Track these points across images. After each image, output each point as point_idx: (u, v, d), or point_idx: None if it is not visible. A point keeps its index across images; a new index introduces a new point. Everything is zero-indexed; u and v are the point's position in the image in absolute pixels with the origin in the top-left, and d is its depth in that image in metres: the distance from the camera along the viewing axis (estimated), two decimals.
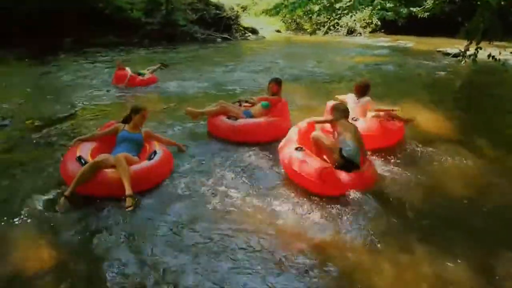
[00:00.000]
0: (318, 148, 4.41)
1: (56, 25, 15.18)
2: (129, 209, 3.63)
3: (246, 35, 22.46)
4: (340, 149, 4.28)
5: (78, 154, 4.08)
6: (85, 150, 4.26)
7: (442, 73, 12.74)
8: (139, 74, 9.16)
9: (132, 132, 4.53)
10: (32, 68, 11.33)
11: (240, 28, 22.53)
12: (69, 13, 15.68)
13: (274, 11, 11.76)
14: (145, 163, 4.16)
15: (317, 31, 23.58)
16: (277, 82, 5.65)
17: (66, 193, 3.67)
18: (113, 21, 17.18)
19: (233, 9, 22.75)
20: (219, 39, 20.06)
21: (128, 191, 3.70)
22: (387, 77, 11.87)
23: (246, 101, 6.00)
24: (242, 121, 5.56)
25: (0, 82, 9.32)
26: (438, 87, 10.93)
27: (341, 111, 4.58)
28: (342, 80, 10.80)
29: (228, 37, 20.75)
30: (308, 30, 26.77)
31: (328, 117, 4.76)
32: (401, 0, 17.07)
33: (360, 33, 26.48)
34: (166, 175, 4.30)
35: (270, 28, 25.88)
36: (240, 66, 12.66)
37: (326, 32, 23.51)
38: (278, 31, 26.69)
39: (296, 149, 4.22)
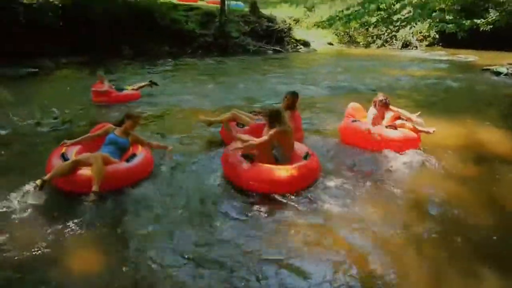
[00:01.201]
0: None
1: (115, 36, 15.99)
2: (90, 203, 3.78)
3: (298, 47, 22.43)
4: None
5: (62, 151, 4.39)
6: (71, 148, 4.57)
7: (507, 89, 11.93)
8: (121, 89, 8.55)
9: (119, 136, 4.69)
10: (92, 75, 11.90)
11: (292, 40, 22.55)
12: (128, 25, 16.45)
13: (327, 23, 11.63)
14: (120, 165, 4.37)
15: (371, 44, 23.11)
16: (293, 95, 5.59)
17: (45, 178, 3.86)
18: (169, 32, 17.83)
19: (285, 21, 22.85)
20: (270, 51, 20.17)
21: (94, 187, 3.85)
22: (447, 92, 11.27)
23: (259, 112, 5.98)
24: (248, 129, 5.57)
25: (65, 86, 9.87)
26: (502, 104, 10.19)
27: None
28: (398, 95, 10.38)
29: (280, 49, 20.81)
30: (361, 43, 26.32)
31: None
32: (461, 12, 16.36)
33: (416, 47, 25.61)
34: (142, 176, 4.44)
35: (322, 41, 25.70)
36: (290, 77, 12.58)
37: (382, 45, 22.95)
38: (330, 43, 26.43)
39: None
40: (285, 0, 29.96)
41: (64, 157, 4.25)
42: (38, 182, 3.80)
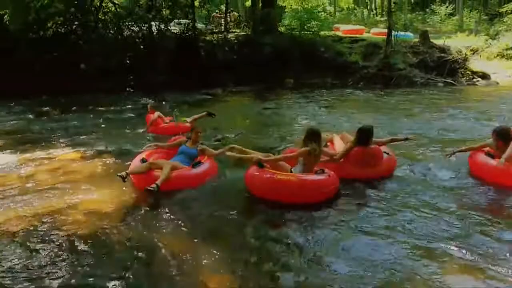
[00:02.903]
0: None
1: (280, 67, 16.97)
2: (149, 188, 4.49)
3: (474, 80, 19.92)
4: None
5: (142, 157, 5.30)
6: (151, 155, 5.50)
7: None
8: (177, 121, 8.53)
9: (189, 147, 5.56)
10: (256, 103, 12.86)
11: (467, 72, 20.16)
12: (292, 58, 17.28)
13: None
14: (185, 170, 5.11)
15: None
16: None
17: (127, 171, 4.86)
18: (332, 64, 18.04)
19: (460, 51, 20.68)
20: (441, 84, 18.40)
21: (157, 182, 4.57)
22: None
23: None
24: None
25: (230, 109, 10.69)
26: None
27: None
28: None
29: (452, 81, 18.82)
30: None
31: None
32: None
33: None
34: (203, 181, 5.06)
35: (506, 73, 22.30)
36: (463, 112, 11.06)
37: None
38: None
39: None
40: (462, 29, 27.34)
41: (143, 161, 5.18)
42: (123, 174, 4.74)
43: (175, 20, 18.72)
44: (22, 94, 13.47)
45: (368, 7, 45.21)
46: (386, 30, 19.86)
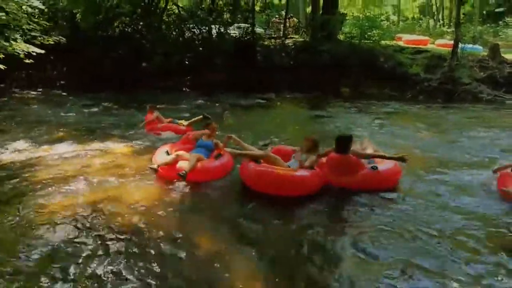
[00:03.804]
0: None
1: (337, 76, 16.67)
2: (180, 174, 5.02)
3: None
4: None
5: (166, 150, 5.87)
6: (173, 147, 6.06)
7: None
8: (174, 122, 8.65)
9: (205, 140, 6.06)
10: (309, 110, 12.75)
11: None
12: (350, 66, 16.90)
13: None
14: (210, 162, 5.59)
15: None
16: (309, 140, 5.58)
17: (158, 164, 5.44)
18: (391, 75, 17.41)
19: None
20: (510, 102, 17.14)
21: (186, 170, 5.07)
22: None
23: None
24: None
25: (281, 115, 10.61)
26: None
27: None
28: None
29: None
30: None
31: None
32: None
33: None
34: (227, 173, 5.56)
35: None
36: None
37: None
38: None
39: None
40: None
41: (167, 153, 5.70)
42: (155, 166, 5.39)
43: (235, 24, 19.05)
44: (87, 89, 14.36)
45: (435, 17, 43.28)
46: (452, 42, 18.87)
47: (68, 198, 4.54)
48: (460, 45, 18.38)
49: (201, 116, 8.35)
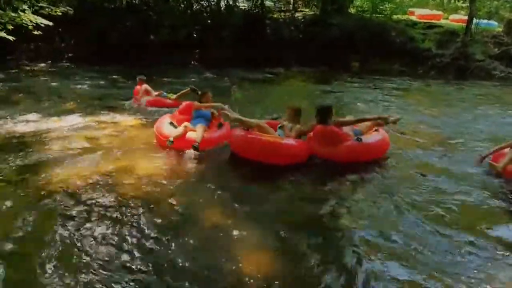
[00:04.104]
0: None
1: (346, 50, 16.43)
2: (194, 145, 5.19)
3: None
4: None
5: (170, 121, 5.91)
6: (172, 119, 6.07)
7: None
8: (164, 96, 8.65)
9: (203, 111, 6.08)
10: (317, 85, 12.66)
11: None
12: (360, 41, 16.61)
13: None
14: (214, 131, 5.81)
15: None
16: (290, 108, 5.67)
17: (174, 136, 5.37)
18: (402, 50, 17.12)
19: None
20: None
21: (196, 142, 5.23)
22: None
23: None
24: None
25: (290, 89, 10.60)
26: None
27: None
28: None
29: None
30: None
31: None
32: None
33: None
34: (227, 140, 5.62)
35: None
36: None
37: None
38: None
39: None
40: None
41: (173, 125, 5.77)
42: (171, 138, 5.30)
43: None
44: (94, 62, 14.33)
45: None
46: (466, 17, 18.40)
47: (79, 168, 4.60)
48: (474, 20, 17.92)
49: (188, 89, 8.26)
